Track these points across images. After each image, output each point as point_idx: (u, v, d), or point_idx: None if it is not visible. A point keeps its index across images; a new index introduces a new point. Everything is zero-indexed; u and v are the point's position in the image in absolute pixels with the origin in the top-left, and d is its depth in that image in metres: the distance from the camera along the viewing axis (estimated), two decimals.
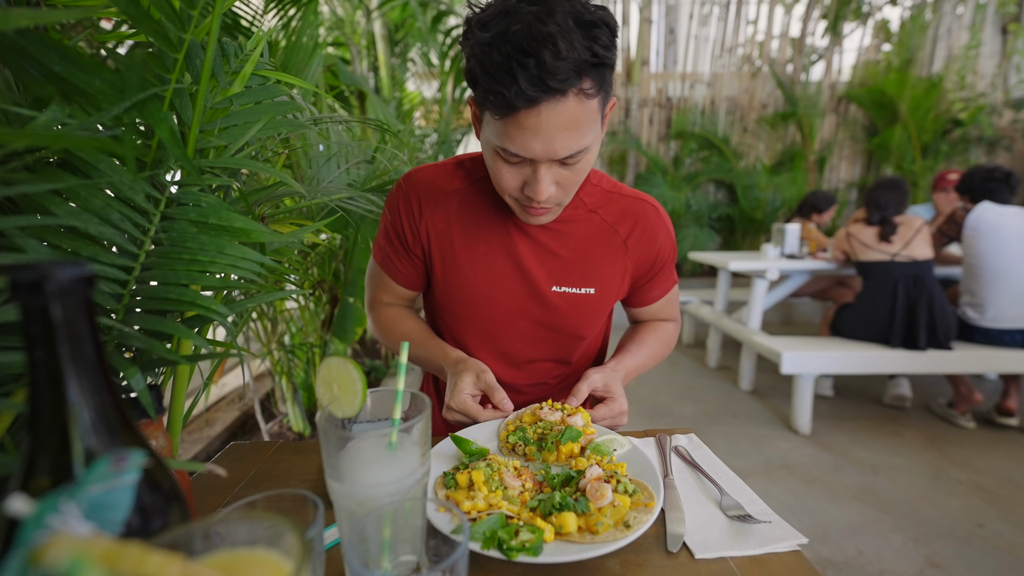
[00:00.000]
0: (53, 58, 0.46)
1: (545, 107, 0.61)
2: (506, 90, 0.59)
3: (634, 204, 0.87)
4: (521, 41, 0.57)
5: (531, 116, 0.61)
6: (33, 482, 0.30)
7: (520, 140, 0.64)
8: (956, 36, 5.00)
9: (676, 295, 0.98)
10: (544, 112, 0.61)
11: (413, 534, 0.44)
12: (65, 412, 0.30)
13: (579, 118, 0.64)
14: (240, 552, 0.30)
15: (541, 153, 0.65)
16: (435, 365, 0.86)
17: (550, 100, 0.60)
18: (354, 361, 0.48)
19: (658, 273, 0.90)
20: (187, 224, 0.56)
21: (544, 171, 0.68)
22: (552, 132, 0.63)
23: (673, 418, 2.79)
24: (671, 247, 0.90)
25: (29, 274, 0.28)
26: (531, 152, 0.65)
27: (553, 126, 0.62)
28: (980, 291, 2.51)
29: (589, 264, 0.85)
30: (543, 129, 0.62)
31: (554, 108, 0.61)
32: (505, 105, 0.60)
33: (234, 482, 0.67)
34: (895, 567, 1.64)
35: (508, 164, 0.69)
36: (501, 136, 0.65)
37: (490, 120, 0.66)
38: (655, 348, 0.93)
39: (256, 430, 2.20)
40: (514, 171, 0.69)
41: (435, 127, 3.55)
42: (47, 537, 0.24)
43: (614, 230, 0.85)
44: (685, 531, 0.56)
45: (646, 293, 0.92)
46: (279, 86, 0.69)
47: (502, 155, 0.68)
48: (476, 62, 0.61)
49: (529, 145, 0.64)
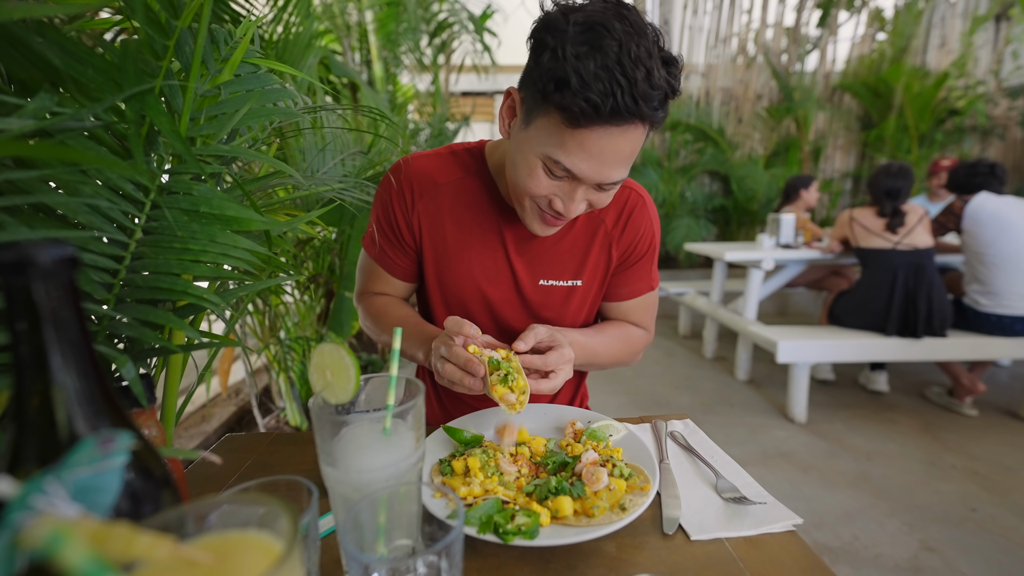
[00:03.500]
0: (50, 47, 0.45)
1: (618, 131, 0.60)
2: (600, 101, 0.57)
3: (621, 192, 0.85)
4: (618, 58, 0.56)
5: (601, 137, 0.61)
6: (20, 468, 0.30)
7: (577, 156, 0.63)
8: (950, 24, 5.00)
9: (652, 304, 0.92)
10: (615, 136, 0.61)
11: (408, 519, 0.44)
12: (51, 395, 0.29)
13: (635, 148, 0.64)
14: (232, 534, 0.30)
15: (590, 175, 0.64)
16: (423, 347, 0.79)
17: (627, 125, 0.60)
18: (347, 347, 0.47)
19: (633, 265, 0.87)
20: (178, 212, 0.55)
21: (583, 191, 0.67)
22: (610, 157, 0.63)
23: (670, 408, 2.80)
24: (652, 238, 0.87)
25: (10, 254, 0.28)
26: (580, 171, 0.64)
27: (613, 151, 0.62)
28: (991, 278, 2.48)
29: (576, 256, 0.84)
30: (605, 153, 0.62)
31: (623, 134, 0.61)
32: (588, 115, 0.58)
33: (229, 472, 0.67)
34: (890, 551, 1.66)
35: (549, 175, 0.67)
36: (556, 146, 0.63)
37: (548, 126, 0.63)
38: (614, 344, 0.87)
39: (253, 425, 2.20)
40: (550, 183, 0.68)
41: (429, 121, 3.53)
42: (33, 518, 0.24)
43: (600, 220, 0.84)
44: (681, 514, 0.56)
45: (616, 287, 0.88)
46: (270, 75, 0.68)
47: (546, 165, 0.66)
48: (569, 66, 0.57)
49: (583, 164, 0.63)
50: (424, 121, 3.62)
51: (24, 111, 0.47)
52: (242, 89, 0.65)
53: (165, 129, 0.51)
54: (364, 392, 0.49)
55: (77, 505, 0.26)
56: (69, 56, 0.49)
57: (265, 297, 1.70)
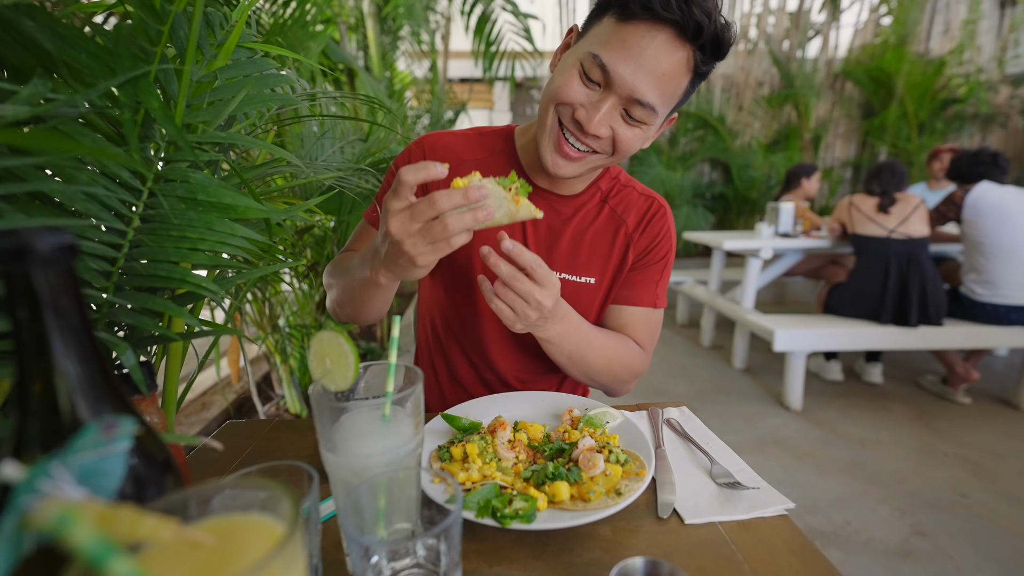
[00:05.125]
0: (41, 31, 0.45)
1: (663, 38, 0.62)
2: None
3: (643, 199, 0.86)
4: None
5: (645, 36, 0.62)
6: (24, 453, 0.30)
7: (616, 52, 0.63)
8: (954, 10, 4.94)
9: (654, 325, 0.87)
10: (658, 40, 0.62)
11: (408, 504, 0.45)
12: (53, 381, 0.30)
13: (671, 77, 0.65)
14: (234, 517, 0.31)
15: (623, 74, 0.64)
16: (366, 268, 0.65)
17: (672, 35, 0.62)
18: (345, 334, 0.48)
19: (644, 269, 0.85)
20: (175, 201, 0.55)
21: (610, 107, 0.66)
22: (647, 65, 0.63)
23: (667, 396, 2.82)
24: (668, 249, 0.85)
25: (9, 241, 0.28)
26: (615, 68, 0.64)
27: (652, 61, 0.63)
28: (989, 268, 2.49)
29: (594, 253, 0.84)
30: (644, 55, 0.63)
31: (666, 46, 0.63)
32: (640, 3, 0.61)
33: (230, 458, 0.68)
34: (881, 535, 1.69)
35: (583, 78, 0.67)
36: (600, 43, 0.65)
37: (598, 29, 0.66)
38: (608, 344, 0.79)
39: (253, 412, 2.21)
40: (581, 88, 0.67)
41: (427, 108, 3.50)
42: (39, 501, 0.24)
43: (622, 220, 0.85)
44: (675, 498, 0.57)
45: (621, 287, 0.85)
46: (268, 60, 0.68)
47: (584, 66, 0.66)
48: None
49: (619, 61, 0.63)
50: (423, 108, 3.59)
51: (18, 97, 0.47)
52: (239, 75, 0.64)
53: (159, 115, 0.51)
54: (363, 379, 0.50)
55: (82, 489, 0.27)
56: (61, 40, 0.49)
57: (264, 285, 1.70)
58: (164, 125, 0.48)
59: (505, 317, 0.64)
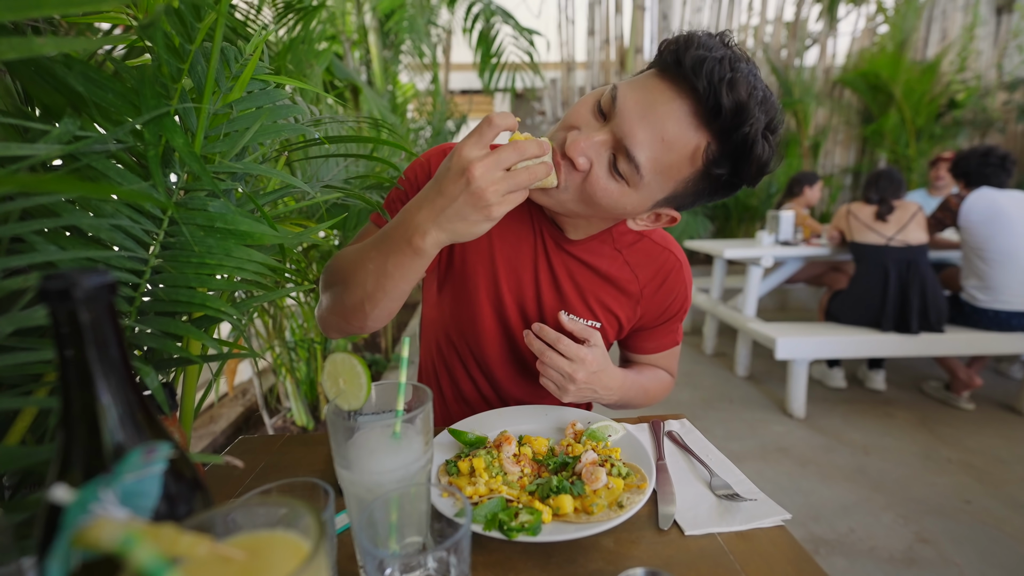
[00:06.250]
0: (73, 75, 0.48)
1: (680, 106, 0.58)
2: (692, 54, 0.56)
3: (659, 252, 0.84)
4: (735, 63, 0.57)
5: (667, 92, 0.59)
6: (68, 474, 0.33)
7: (632, 92, 0.60)
8: (951, 18, 4.99)
9: (677, 352, 0.94)
10: (674, 107, 0.58)
11: (419, 517, 0.47)
12: (95, 408, 0.32)
13: (672, 150, 0.60)
14: (261, 534, 0.33)
15: (626, 114, 0.60)
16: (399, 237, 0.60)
17: (691, 110, 0.58)
18: (358, 356, 0.50)
19: (661, 325, 0.88)
20: (195, 228, 0.58)
21: (601, 140, 0.61)
22: (652, 120, 0.59)
23: (670, 404, 2.83)
24: (683, 302, 0.87)
25: (58, 282, 0.31)
26: (623, 103, 0.60)
27: (659, 119, 0.59)
28: (989, 274, 2.49)
29: (602, 300, 0.83)
30: (655, 111, 0.59)
31: (679, 115, 0.58)
32: (672, 57, 0.58)
33: (245, 473, 0.70)
34: (885, 543, 1.70)
35: (594, 109, 0.63)
36: (628, 83, 0.63)
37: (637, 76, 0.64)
38: (644, 381, 0.86)
39: (260, 424, 2.23)
40: (587, 115, 0.64)
41: (428, 119, 3.55)
42: (89, 521, 0.27)
43: (634, 275, 0.83)
44: (676, 510, 0.59)
45: (643, 341, 0.90)
46: (279, 90, 0.71)
47: (602, 97, 0.63)
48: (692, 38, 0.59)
49: (630, 101, 0.60)
50: (424, 120, 3.64)
51: (50, 136, 0.50)
52: (253, 106, 0.68)
53: (182, 150, 0.54)
54: (375, 398, 0.52)
55: (124, 508, 0.29)
56: (91, 83, 0.52)
57: (272, 301, 1.73)
58: (188, 161, 0.51)
59: (552, 390, 0.72)
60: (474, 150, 0.53)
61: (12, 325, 0.45)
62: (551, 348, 0.71)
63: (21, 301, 0.49)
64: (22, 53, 0.38)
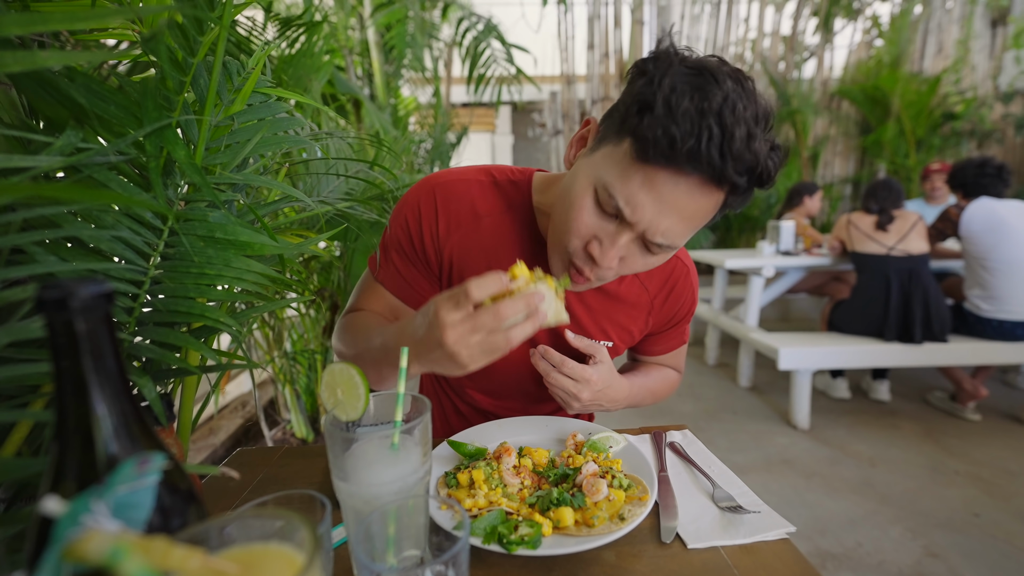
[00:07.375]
0: (76, 88, 0.49)
1: (691, 183, 0.54)
2: (679, 138, 0.51)
3: (670, 261, 0.82)
4: (720, 108, 0.51)
5: (670, 181, 0.54)
6: (61, 485, 0.32)
7: (636, 194, 0.56)
8: (946, 31, 5.04)
9: (684, 350, 0.95)
10: (684, 186, 0.54)
11: (417, 530, 0.46)
12: (90, 419, 0.32)
13: (700, 218, 0.58)
14: (255, 546, 0.33)
15: (640, 218, 0.57)
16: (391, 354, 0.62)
17: (701, 181, 0.54)
18: (356, 367, 0.50)
19: (671, 329, 0.89)
20: (194, 239, 0.58)
21: (627, 240, 0.59)
22: (671, 210, 0.56)
23: (673, 416, 2.81)
24: (691, 305, 0.87)
25: (54, 292, 0.31)
26: (632, 211, 0.56)
27: (677, 206, 0.55)
28: (993, 283, 2.48)
29: (613, 318, 0.82)
30: (667, 201, 0.55)
31: (694, 190, 0.55)
32: (660, 149, 0.52)
33: (243, 486, 0.69)
34: (893, 558, 1.67)
35: (598, 209, 0.60)
36: (619, 176, 0.57)
37: (614, 153, 0.58)
38: (651, 382, 0.88)
39: (260, 436, 2.22)
40: (596, 220, 0.60)
41: (429, 132, 3.58)
42: (80, 534, 0.26)
43: (644, 287, 0.82)
44: (678, 523, 0.58)
45: (652, 345, 0.91)
46: (280, 103, 0.72)
47: (599, 195, 0.59)
48: (661, 93, 0.52)
49: (640, 204, 0.56)
50: (425, 132, 3.67)
51: (52, 148, 0.50)
52: (254, 118, 0.68)
53: (183, 162, 0.54)
54: (373, 409, 0.52)
55: (117, 521, 0.29)
56: (94, 95, 0.53)
57: (271, 312, 1.73)
58: (189, 173, 0.51)
59: (560, 403, 0.73)
60: (451, 314, 0.50)
61: (10, 336, 0.45)
62: (556, 369, 0.71)
63: (19, 312, 0.49)
64: (26, 66, 0.38)
